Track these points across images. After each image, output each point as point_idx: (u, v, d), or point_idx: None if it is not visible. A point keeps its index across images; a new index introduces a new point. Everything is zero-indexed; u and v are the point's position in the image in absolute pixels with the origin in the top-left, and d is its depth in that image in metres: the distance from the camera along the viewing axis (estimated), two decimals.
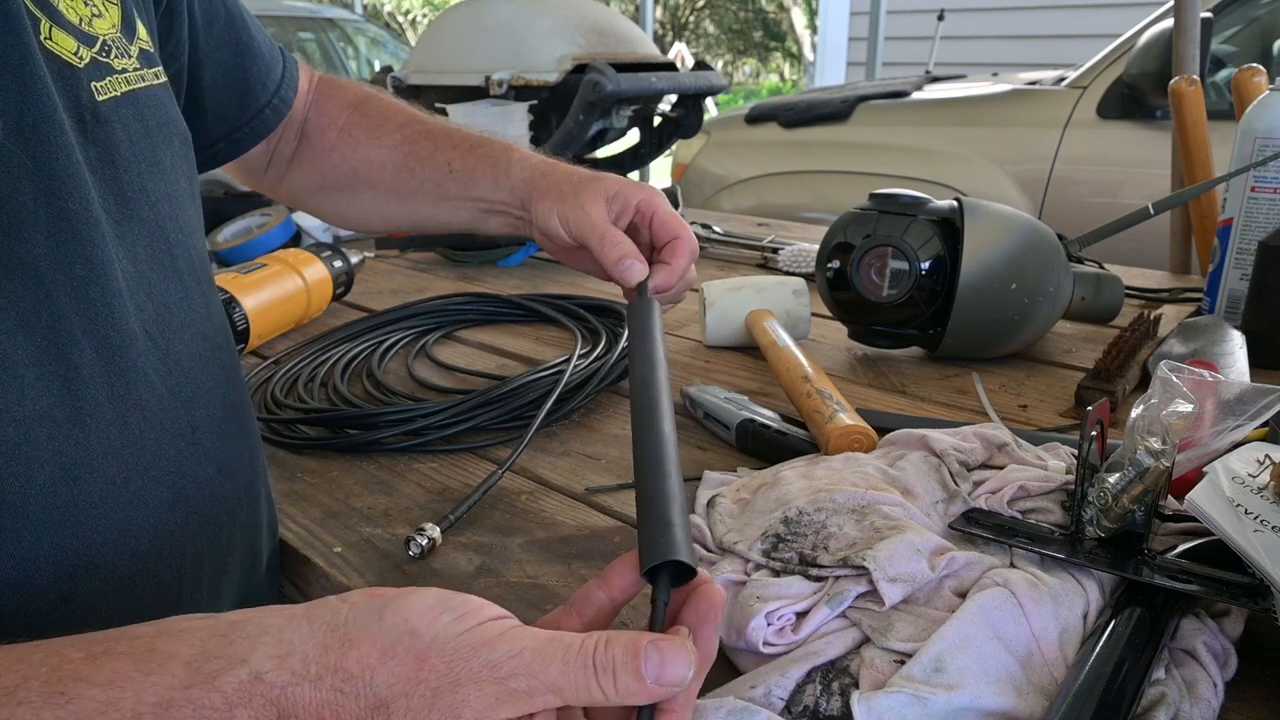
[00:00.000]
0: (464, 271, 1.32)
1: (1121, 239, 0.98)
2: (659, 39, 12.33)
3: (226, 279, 0.96)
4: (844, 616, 0.45)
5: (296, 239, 1.39)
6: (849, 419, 0.65)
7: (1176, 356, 0.80)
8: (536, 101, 1.34)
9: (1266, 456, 0.48)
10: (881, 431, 0.64)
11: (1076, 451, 0.53)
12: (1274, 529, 0.43)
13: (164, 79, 0.51)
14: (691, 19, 13.55)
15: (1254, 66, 1.08)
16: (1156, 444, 0.48)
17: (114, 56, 0.46)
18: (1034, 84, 2.62)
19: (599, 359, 0.84)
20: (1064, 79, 2.51)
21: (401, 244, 1.39)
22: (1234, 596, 0.44)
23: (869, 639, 0.44)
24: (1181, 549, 0.49)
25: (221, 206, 1.42)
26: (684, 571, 0.36)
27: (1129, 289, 1.06)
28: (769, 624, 0.44)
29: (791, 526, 0.51)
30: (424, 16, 12.34)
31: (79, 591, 0.42)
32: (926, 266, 0.83)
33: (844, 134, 2.75)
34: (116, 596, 0.44)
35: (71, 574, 0.42)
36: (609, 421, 0.79)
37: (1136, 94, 2.21)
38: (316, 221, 1.39)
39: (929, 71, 3.47)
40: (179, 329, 0.48)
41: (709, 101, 2.20)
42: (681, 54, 9.44)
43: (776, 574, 0.48)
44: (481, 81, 1.33)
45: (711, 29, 13.81)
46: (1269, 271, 0.86)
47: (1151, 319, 0.88)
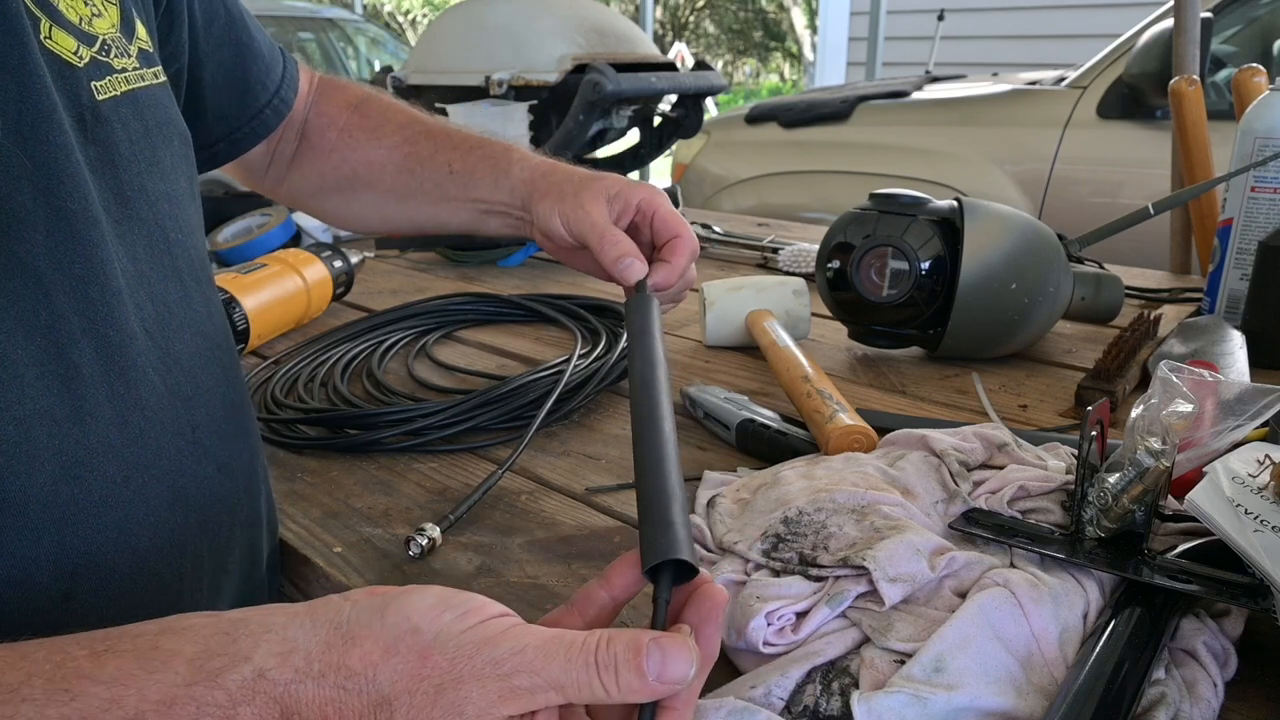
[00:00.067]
0: (464, 271, 1.32)
1: (1121, 239, 0.98)
2: (659, 39, 12.33)
3: (226, 279, 0.96)
4: (844, 616, 0.45)
5: (296, 239, 1.39)
6: (849, 419, 0.65)
7: (1176, 356, 0.80)
8: (536, 101, 1.34)
9: (1266, 456, 0.48)
10: (881, 431, 0.64)
11: (1076, 451, 0.53)
12: (1274, 529, 0.43)
13: (163, 79, 0.51)
14: (691, 19, 13.55)
15: (1254, 66, 1.08)
16: (1156, 444, 0.48)
17: (114, 56, 0.46)
18: (1034, 84, 2.62)
19: (599, 359, 0.84)
20: (1064, 79, 2.51)
21: (401, 244, 1.39)
22: (1234, 596, 0.44)
23: (869, 639, 0.44)
24: (1181, 549, 0.49)
25: (221, 206, 1.42)
26: (685, 570, 0.36)
27: (1129, 289, 1.06)
28: (769, 624, 0.44)
29: (791, 526, 0.50)
30: (424, 16, 12.34)
31: (79, 590, 0.42)
32: (926, 266, 0.83)
33: (844, 134, 2.75)
34: (117, 595, 0.44)
35: (72, 572, 0.42)
36: (609, 421, 0.79)
37: (1136, 94, 2.21)
38: (316, 221, 1.39)
39: (929, 71, 3.47)
40: (179, 328, 0.48)
41: (709, 101, 2.20)
42: (681, 54, 9.44)
43: (776, 574, 0.48)
44: (481, 81, 1.33)
45: (711, 29, 13.81)
46: (1269, 271, 0.86)
47: (1151, 319, 0.88)
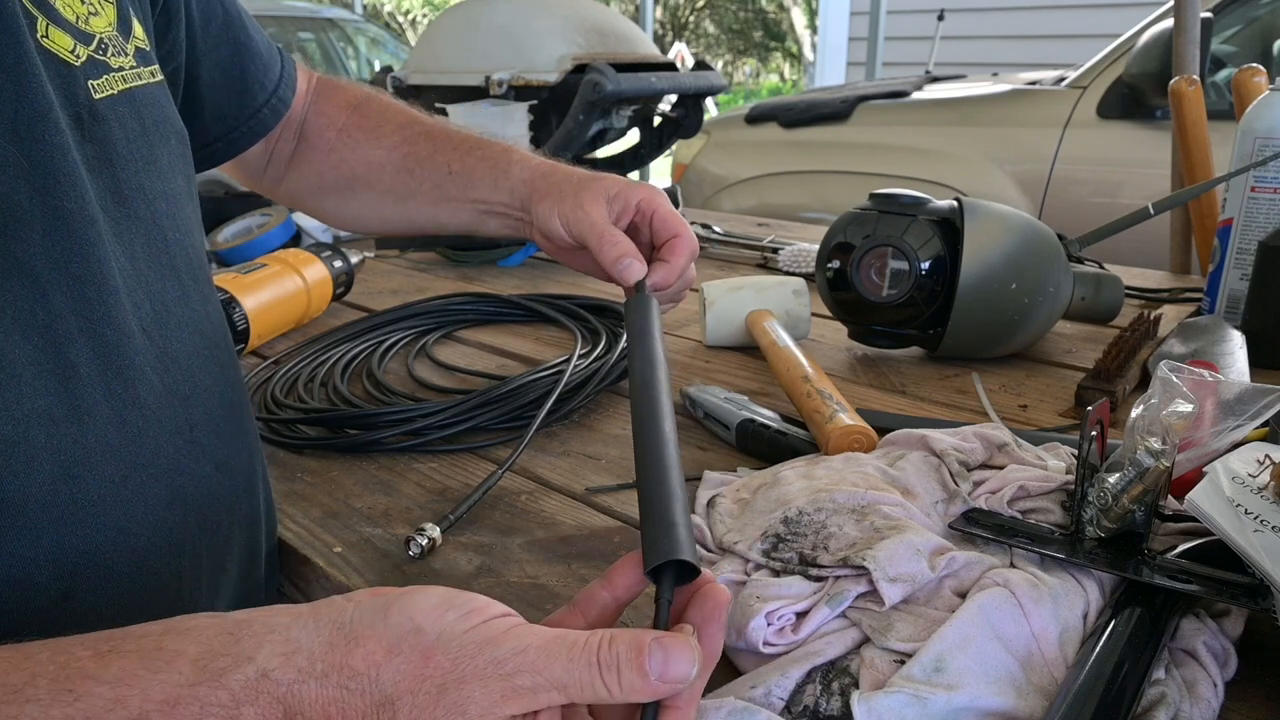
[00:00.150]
0: (464, 271, 1.32)
1: (1121, 239, 0.98)
2: (659, 39, 12.33)
3: (226, 279, 0.96)
4: (844, 616, 0.45)
5: (296, 239, 1.39)
6: (849, 419, 0.65)
7: (1176, 356, 0.80)
8: (536, 101, 1.34)
9: (1266, 456, 0.48)
10: (881, 431, 0.64)
11: (1076, 451, 0.53)
12: (1274, 529, 0.43)
13: (160, 77, 0.51)
14: (691, 19, 13.55)
15: (1254, 66, 1.08)
16: (1156, 444, 0.48)
17: (111, 55, 0.46)
18: (1034, 84, 2.62)
19: (599, 359, 0.84)
20: (1064, 79, 2.51)
21: (401, 244, 1.39)
22: (1234, 596, 0.44)
23: (869, 639, 0.44)
24: (1181, 549, 0.49)
25: (221, 206, 1.42)
26: (687, 570, 0.36)
27: (1129, 289, 1.06)
28: (769, 624, 0.44)
29: (791, 526, 0.50)
30: (424, 16, 12.34)
31: (78, 589, 0.42)
32: (926, 266, 0.83)
33: (844, 134, 2.75)
34: (116, 594, 0.44)
35: (71, 572, 0.42)
36: (609, 421, 0.79)
37: (1136, 94, 2.21)
38: (316, 221, 1.39)
39: (929, 71, 3.47)
40: (176, 327, 0.48)
41: (709, 101, 2.20)
42: (681, 54, 9.44)
43: (776, 574, 0.48)
44: (481, 81, 1.33)
45: (711, 29, 13.81)
46: (1269, 271, 0.86)
47: (1151, 319, 0.88)
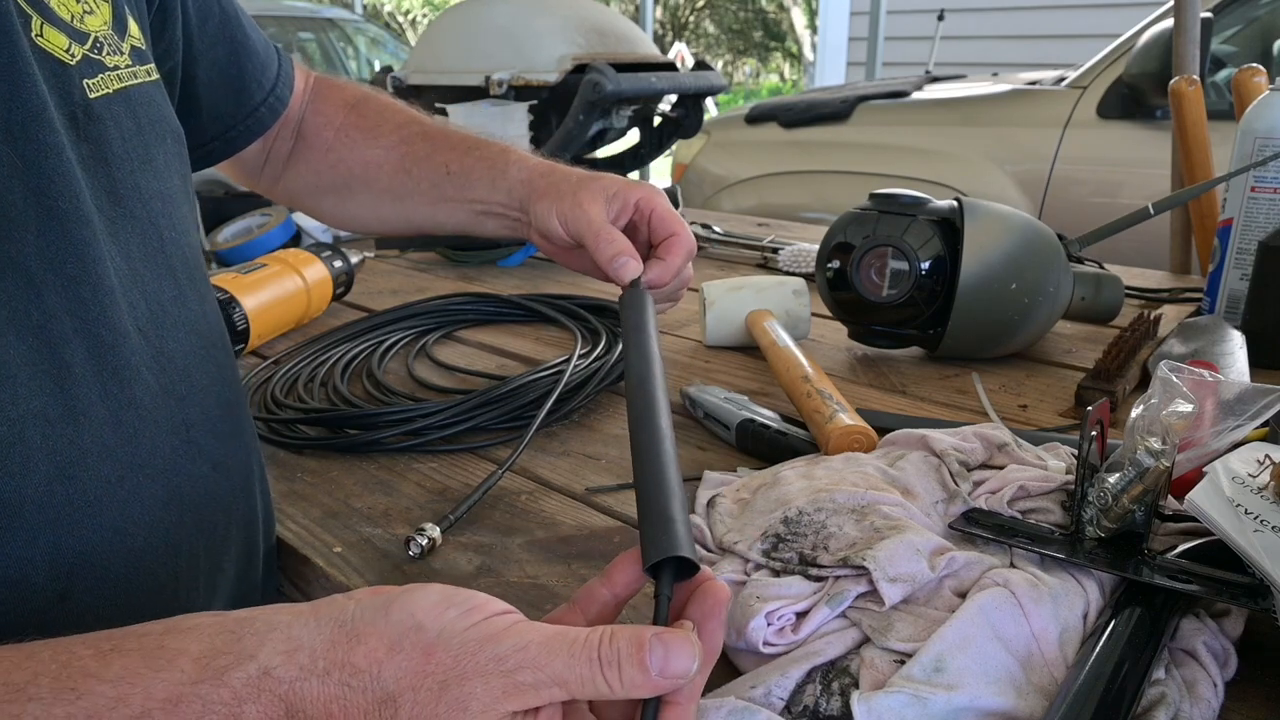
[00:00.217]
0: (464, 271, 1.32)
1: (1121, 239, 0.98)
2: (659, 39, 12.33)
3: (226, 279, 0.96)
4: (844, 616, 0.45)
5: (296, 239, 1.39)
6: (849, 419, 0.65)
7: (1176, 356, 0.80)
8: (536, 101, 1.34)
9: (1266, 456, 0.48)
10: (881, 431, 0.64)
11: (1076, 451, 0.53)
12: (1274, 529, 0.43)
13: (156, 76, 0.51)
14: (691, 19, 13.55)
15: (1254, 66, 1.08)
16: (1156, 444, 0.48)
17: (106, 53, 0.46)
18: (1034, 84, 2.62)
19: (599, 359, 0.84)
20: (1064, 79, 2.51)
21: (401, 244, 1.39)
22: (1234, 596, 0.44)
23: (869, 639, 0.44)
24: (1181, 549, 0.49)
25: (221, 206, 1.42)
26: (686, 567, 0.36)
27: (1129, 289, 1.05)
28: (769, 624, 0.44)
29: (791, 526, 0.50)
30: (424, 16, 12.34)
31: (75, 590, 0.42)
32: (926, 266, 0.83)
33: (844, 134, 2.75)
34: (113, 594, 0.44)
35: (68, 572, 0.42)
36: (609, 421, 0.79)
37: (1136, 94, 2.21)
38: (316, 221, 1.39)
39: (929, 71, 3.47)
40: (173, 326, 0.48)
41: (709, 101, 2.20)
42: (681, 54, 9.44)
43: (776, 574, 0.48)
44: (481, 81, 1.33)
45: (711, 29, 13.81)
46: (1269, 271, 0.86)
47: (1151, 319, 0.88)
